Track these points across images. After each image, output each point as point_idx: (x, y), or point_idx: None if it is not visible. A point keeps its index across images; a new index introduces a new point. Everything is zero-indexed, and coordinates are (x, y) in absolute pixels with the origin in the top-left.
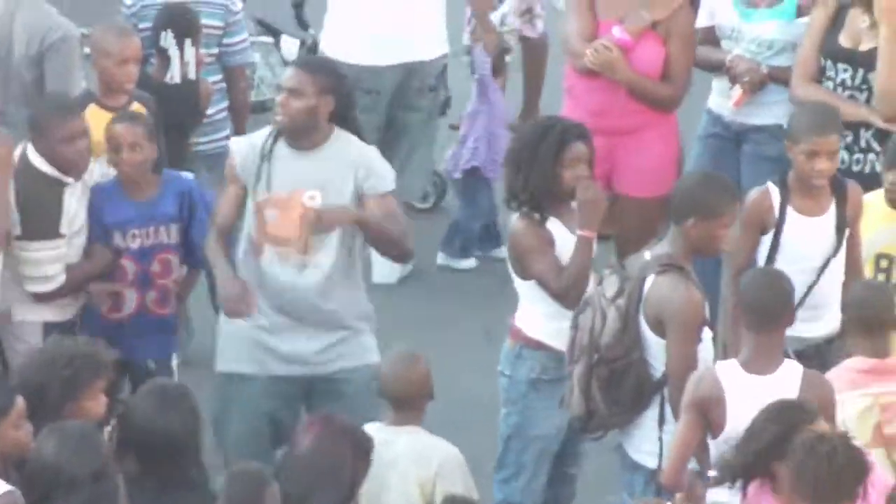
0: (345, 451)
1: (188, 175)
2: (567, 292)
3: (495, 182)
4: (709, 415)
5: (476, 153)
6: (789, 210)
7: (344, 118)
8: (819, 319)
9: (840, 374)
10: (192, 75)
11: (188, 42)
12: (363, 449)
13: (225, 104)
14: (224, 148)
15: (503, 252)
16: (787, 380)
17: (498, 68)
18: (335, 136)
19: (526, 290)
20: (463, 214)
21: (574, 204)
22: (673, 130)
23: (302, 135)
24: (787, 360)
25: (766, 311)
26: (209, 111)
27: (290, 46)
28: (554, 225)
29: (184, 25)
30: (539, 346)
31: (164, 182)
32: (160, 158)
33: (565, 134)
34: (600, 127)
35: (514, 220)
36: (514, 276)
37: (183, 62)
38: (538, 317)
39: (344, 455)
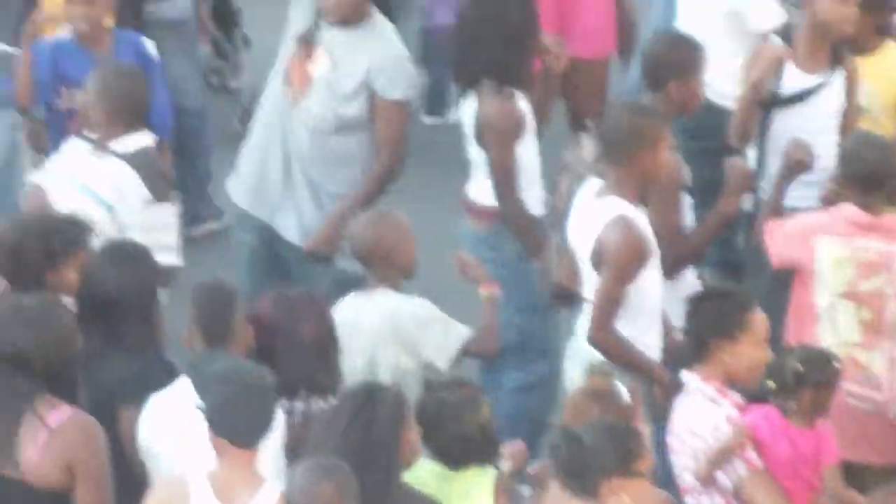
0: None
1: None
2: None
3: None
4: None
5: None
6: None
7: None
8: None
9: (832, 218)
10: None
11: None
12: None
13: None
14: (185, 11)
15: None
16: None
17: None
18: (368, 23)
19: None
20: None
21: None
22: None
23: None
24: None
25: None
26: None
27: None
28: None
29: None
30: None
31: (116, 38)
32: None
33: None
34: None
35: (487, 97)
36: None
37: None
38: None
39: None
